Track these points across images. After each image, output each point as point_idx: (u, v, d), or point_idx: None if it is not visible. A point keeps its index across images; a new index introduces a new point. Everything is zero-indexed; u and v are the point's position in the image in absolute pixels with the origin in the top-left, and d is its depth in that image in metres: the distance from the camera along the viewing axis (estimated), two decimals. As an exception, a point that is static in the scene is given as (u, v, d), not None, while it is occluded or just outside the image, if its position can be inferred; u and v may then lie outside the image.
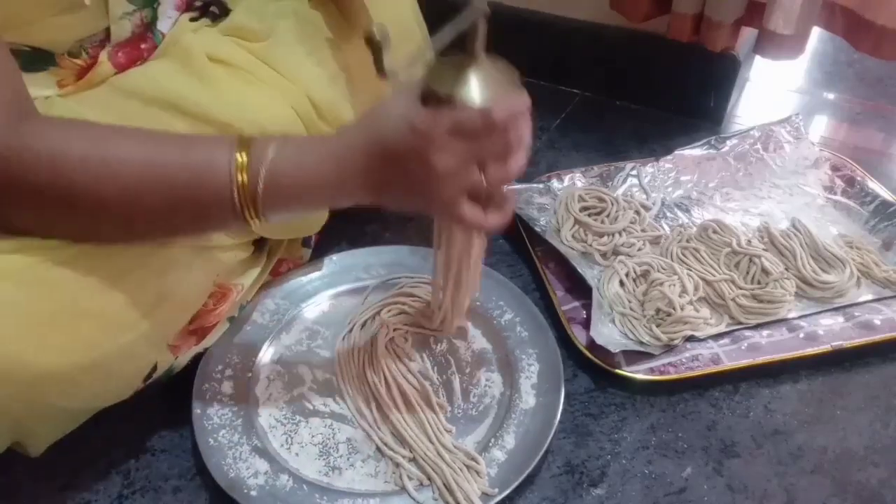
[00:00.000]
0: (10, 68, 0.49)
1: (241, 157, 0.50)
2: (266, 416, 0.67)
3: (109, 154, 0.49)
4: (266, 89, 0.65)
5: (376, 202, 0.54)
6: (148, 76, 0.62)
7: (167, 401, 0.67)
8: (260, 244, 0.72)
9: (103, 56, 0.61)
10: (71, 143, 0.48)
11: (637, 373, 0.69)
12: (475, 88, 0.49)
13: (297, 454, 0.64)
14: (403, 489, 0.60)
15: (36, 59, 0.57)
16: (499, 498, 0.59)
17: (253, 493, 0.59)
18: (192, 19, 0.67)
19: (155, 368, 0.60)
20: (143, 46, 0.64)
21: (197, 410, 0.65)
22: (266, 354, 0.72)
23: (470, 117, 0.48)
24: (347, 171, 0.51)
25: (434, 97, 0.49)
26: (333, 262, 0.81)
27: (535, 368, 0.70)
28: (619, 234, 0.84)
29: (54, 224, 0.50)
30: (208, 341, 0.67)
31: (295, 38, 0.68)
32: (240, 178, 0.50)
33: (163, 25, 0.65)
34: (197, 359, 0.67)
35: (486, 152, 0.50)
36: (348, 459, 0.63)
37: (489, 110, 0.48)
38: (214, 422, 0.65)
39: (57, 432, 0.58)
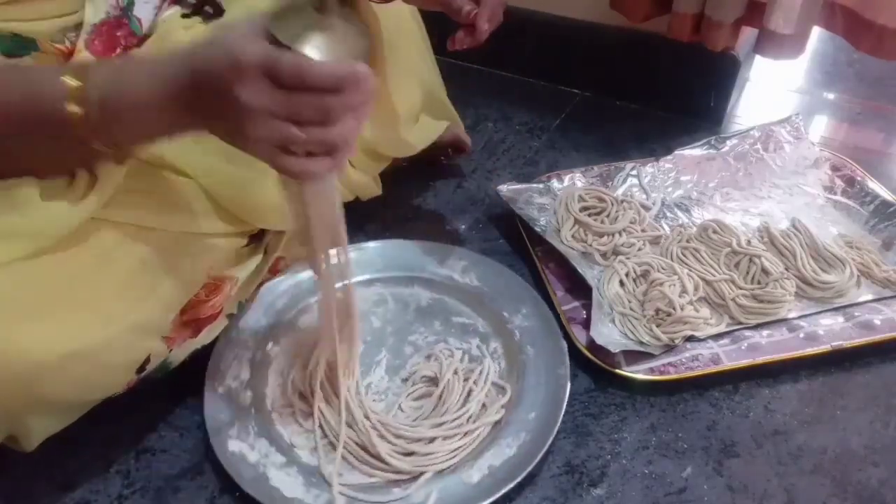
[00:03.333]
0: None
1: (73, 82, 0.49)
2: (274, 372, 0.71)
3: None
4: None
5: (204, 129, 0.51)
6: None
7: (167, 401, 0.68)
8: (256, 237, 0.72)
9: (80, 44, 0.60)
10: None
11: (637, 373, 0.69)
12: (308, 41, 0.45)
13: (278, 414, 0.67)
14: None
15: (18, 44, 0.57)
16: (500, 494, 0.59)
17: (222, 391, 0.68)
18: (185, 16, 0.67)
19: (148, 360, 0.60)
20: (118, 34, 0.62)
21: (222, 340, 0.71)
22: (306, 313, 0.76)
23: (280, 61, 0.45)
24: (173, 89, 0.49)
25: (272, 38, 0.46)
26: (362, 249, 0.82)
27: (541, 363, 0.70)
28: (619, 234, 0.84)
29: None
30: (205, 338, 0.67)
31: None
32: (73, 109, 0.49)
33: (139, 11, 0.63)
34: (195, 358, 0.67)
35: (299, 107, 0.46)
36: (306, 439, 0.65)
37: (301, 63, 0.45)
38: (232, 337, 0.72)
39: (50, 427, 0.58)
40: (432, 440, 0.63)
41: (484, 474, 0.61)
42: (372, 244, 0.83)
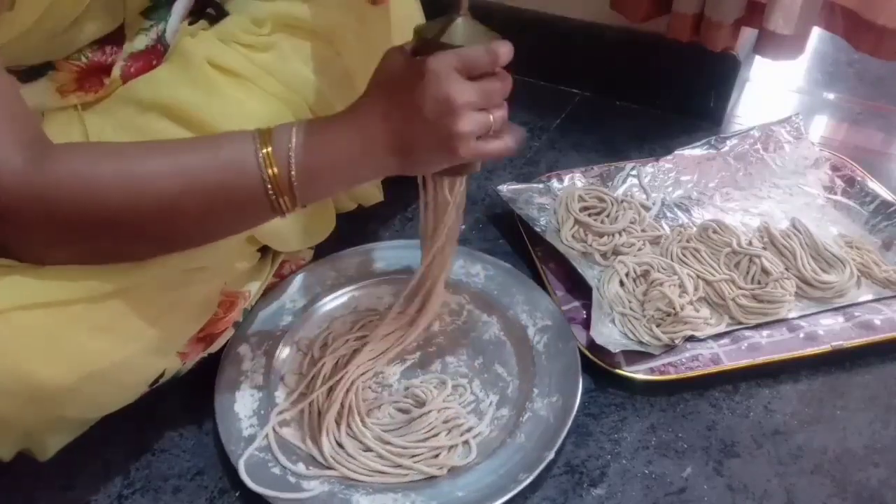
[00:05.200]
0: (21, 103, 0.48)
1: (267, 149, 0.50)
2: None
3: (139, 169, 0.49)
4: (269, 100, 0.65)
5: (403, 168, 0.54)
6: (151, 84, 0.62)
7: (167, 401, 0.67)
8: (265, 250, 0.73)
9: (116, 72, 0.61)
10: (98, 165, 0.48)
11: (637, 373, 0.69)
12: (466, 34, 0.52)
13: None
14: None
15: (34, 69, 0.57)
16: (508, 496, 0.59)
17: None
18: (190, 22, 0.67)
19: (162, 375, 0.60)
20: (154, 61, 0.64)
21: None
22: (335, 301, 0.78)
23: (477, 53, 0.50)
24: (372, 138, 0.52)
25: (427, 48, 0.51)
26: (360, 252, 0.82)
27: (517, 458, 0.64)
28: (619, 234, 0.84)
29: (90, 252, 0.50)
30: (214, 347, 0.67)
31: (291, 47, 0.68)
32: (270, 172, 0.50)
33: (170, 37, 0.65)
34: (203, 364, 0.67)
35: (492, 92, 0.52)
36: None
37: (494, 48, 0.50)
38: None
39: (64, 439, 0.58)
40: (368, 450, 0.63)
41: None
42: (503, 265, 0.80)
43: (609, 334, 0.72)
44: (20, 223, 0.47)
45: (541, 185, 0.92)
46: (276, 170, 0.50)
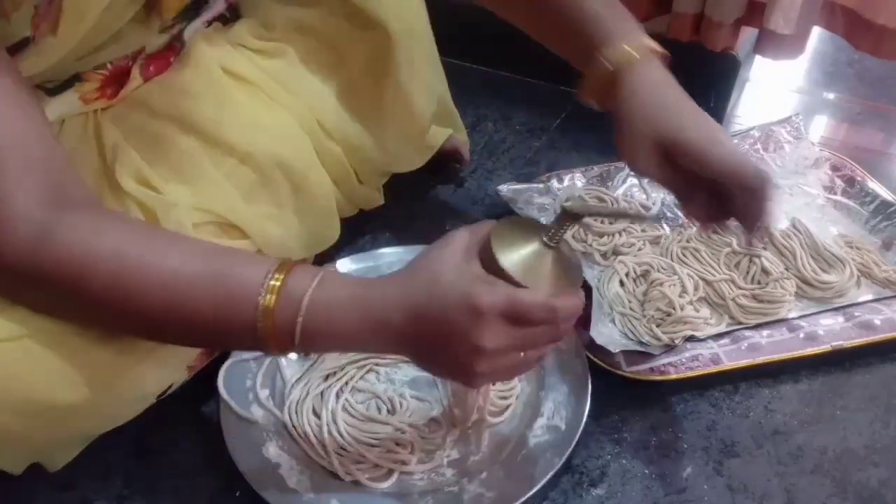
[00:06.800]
0: (49, 144, 0.48)
1: (270, 302, 0.47)
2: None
3: (133, 280, 0.47)
4: (278, 110, 0.65)
5: (406, 358, 0.52)
6: (164, 90, 0.63)
7: (168, 401, 0.67)
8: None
9: (135, 71, 0.61)
10: (99, 260, 0.46)
11: (637, 373, 0.69)
12: (544, 274, 0.47)
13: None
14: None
15: (64, 81, 0.58)
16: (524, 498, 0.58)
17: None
18: (207, 24, 0.67)
19: (170, 387, 0.61)
20: (171, 58, 0.64)
21: None
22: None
23: (534, 308, 0.45)
24: (380, 329, 0.48)
25: (494, 266, 0.46)
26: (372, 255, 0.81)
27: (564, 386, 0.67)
28: (619, 234, 0.84)
29: (72, 316, 0.50)
30: (215, 353, 0.68)
31: (300, 56, 0.68)
32: (267, 323, 0.47)
33: (188, 35, 0.65)
34: (204, 366, 0.67)
35: (534, 339, 0.48)
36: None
37: (555, 307, 0.46)
38: None
39: (75, 451, 0.59)
40: (317, 415, 0.63)
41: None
42: (573, 341, 0.70)
43: (609, 334, 0.72)
44: (14, 279, 0.47)
45: (541, 185, 0.92)
46: (271, 323, 0.47)
